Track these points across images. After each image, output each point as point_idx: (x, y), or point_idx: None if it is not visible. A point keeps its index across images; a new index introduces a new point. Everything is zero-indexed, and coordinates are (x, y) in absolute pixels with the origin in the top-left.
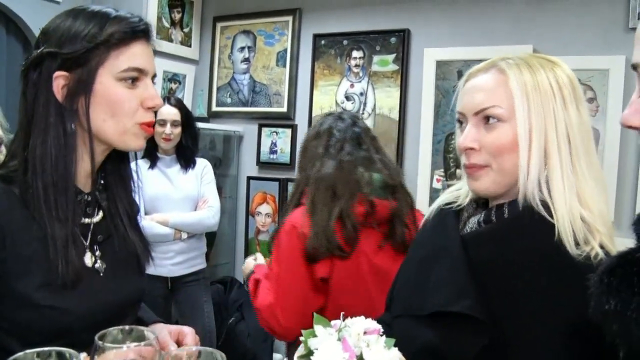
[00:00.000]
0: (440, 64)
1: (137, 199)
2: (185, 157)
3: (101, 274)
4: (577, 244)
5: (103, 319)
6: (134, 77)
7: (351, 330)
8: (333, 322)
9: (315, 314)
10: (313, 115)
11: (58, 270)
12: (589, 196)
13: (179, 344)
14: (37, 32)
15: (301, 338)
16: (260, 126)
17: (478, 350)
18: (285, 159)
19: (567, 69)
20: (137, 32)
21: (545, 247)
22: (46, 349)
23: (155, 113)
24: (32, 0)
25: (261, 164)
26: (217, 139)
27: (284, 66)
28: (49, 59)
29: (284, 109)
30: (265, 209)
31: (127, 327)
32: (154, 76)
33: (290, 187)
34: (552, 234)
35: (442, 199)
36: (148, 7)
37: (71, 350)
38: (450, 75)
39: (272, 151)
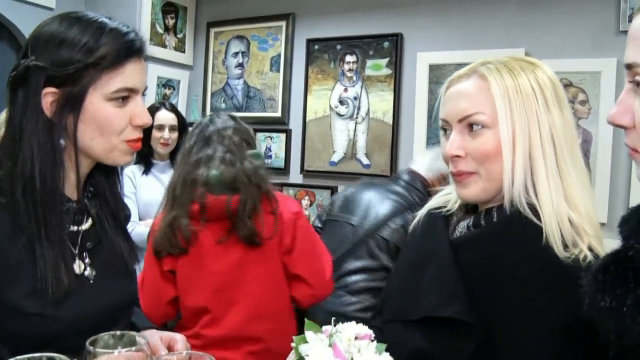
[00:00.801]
0: (433, 68)
1: (130, 204)
2: None
3: (91, 281)
4: (565, 246)
5: (94, 325)
6: (125, 97)
7: (342, 335)
8: (324, 328)
9: (306, 319)
10: (307, 119)
11: (47, 285)
12: (576, 197)
13: (170, 350)
14: None
15: (292, 344)
16: (255, 131)
17: (469, 354)
18: (280, 163)
19: (547, 70)
20: (132, 51)
21: (534, 251)
22: (37, 355)
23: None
24: (26, 7)
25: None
26: None
27: (278, 71)
28: (38, 72)
29: (278, 114)
30: None
31: (118, 332)
32: (145, 89)
33: (286, 191)
34: (541, 237)
35: (432, 203)
36: (142, 13)
37: (62, 356)
38: (443, 78)
39: (267, 156)
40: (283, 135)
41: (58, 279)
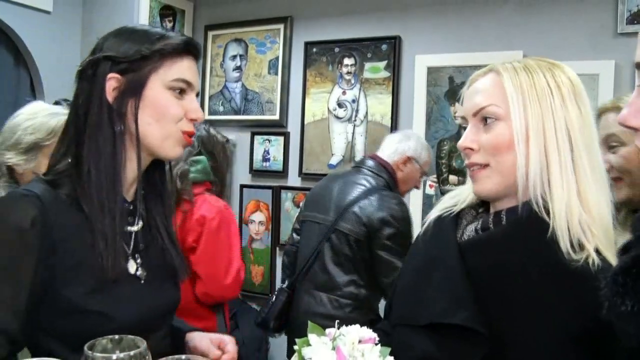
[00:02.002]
0: (431, 71)
1: None
2: None
3: (142, 282)
4: (573, 247)
5: (143, 326)
6: (182, 89)
7: (346, 339)
8: (327, 331)
9: (310, 322)
10: (305, 122)
11: (104, 265)
12: (590, 197)
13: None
14: (28, 42)
15: (295, 347)
16: (253, 134)
17: None
18: (278, 166)
19: (567, 70)
20: (190, 46)
21: (542, 255)
22: None
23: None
24: (23, 10)
25: (254, 172)
26: None
27: (276, 74)
28: (105, 62)
29: (277, 117)
30: (259, 217)
31: (116, 336)
32: (197, 94)
33: (284, 194)
34: (550, 240)
35: (442, 206)
36: (139, 16)
37: None
38: (441, 81)
39: (265, 159)
40: (281, 138)
41: (115, 254)
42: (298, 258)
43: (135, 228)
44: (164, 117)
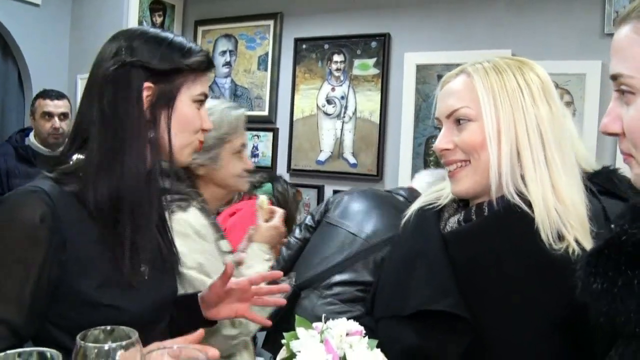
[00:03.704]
0: (420, 68)
1: None
2: None
3: (146, 277)
4: (553, 238)
5: (148, 318)
6: (201, 101)
7: (333, 332)
8: (315, 325)
9: (297, 316)
10: (294, 118)
11: (122, 270)
12: (563, 189)
13: None
14: (16, 35)
15: (283, 341)
16: None
17: (462, 350)
18: (267, 162)
19: (537, 68)
20: (211, 63)
21: (523, 245)
22: (28, 349)
23: None
24: (12, 3)
25: None
26: None
27: (266, 70)
28: (139, 69)
29: (266, 113)
30: None
31: (108, 327)
32: None
33: None
34: (531, 231)
35: (424, 199)
36: (129, 11)
37: (52, 351)
38: (430, 79)
39: (254, 155)
40: (270, 134)
41: (134, 267)
42: (303, 255)
43: None
44: (187, 128)
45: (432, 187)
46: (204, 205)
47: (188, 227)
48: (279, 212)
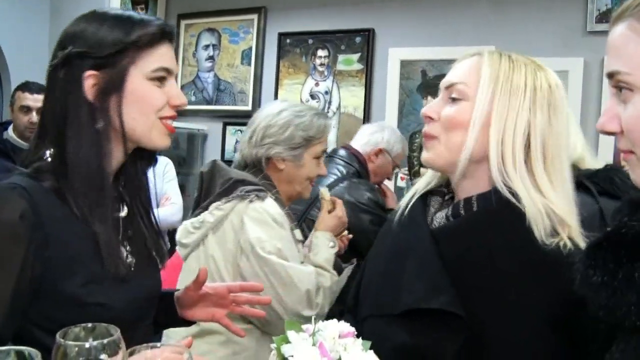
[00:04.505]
0: (404, 64)
1: None
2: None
3: (132, 269)
4: (547, 233)
5: (136, 315)
6: (162, 77)
7: (325, 334)
8: (305, 327)
9: (286, 320)
10: None
11: (106, 267)
12: (548, 193)
13: None
14: None
15: (272, 345)
16: (225, 124)
17: (457, 348)
18: None
19: (552, 77)
20: (165, 33)
21: (514, 240)
22: (5, 347)
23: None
24: None
25: (226, 163)
26: (181, 137)
27: (249, 64)
28: (79, 59)
29: (249, 107)
30: None
31: (89, 324)
32: (175, 76)
33: None
34: (522, 226)
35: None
36: (111, 3)
37: (31, 349)
38: (414, 74)
39: (237, 150)
40: None
41: (117, 257)
42: None
43: (122, 214)
44: (147, 109)
45: (374, 138)
46: (278, 196)
47: (267, 215)
48: (340, 202)
